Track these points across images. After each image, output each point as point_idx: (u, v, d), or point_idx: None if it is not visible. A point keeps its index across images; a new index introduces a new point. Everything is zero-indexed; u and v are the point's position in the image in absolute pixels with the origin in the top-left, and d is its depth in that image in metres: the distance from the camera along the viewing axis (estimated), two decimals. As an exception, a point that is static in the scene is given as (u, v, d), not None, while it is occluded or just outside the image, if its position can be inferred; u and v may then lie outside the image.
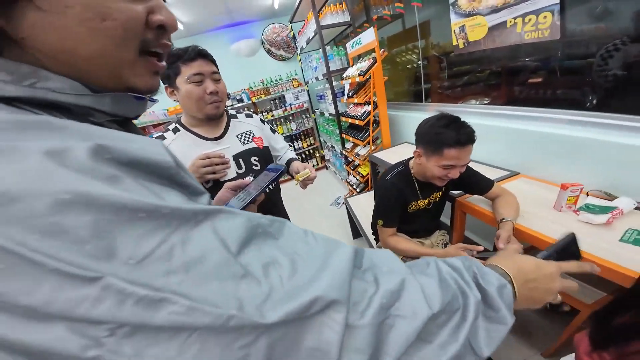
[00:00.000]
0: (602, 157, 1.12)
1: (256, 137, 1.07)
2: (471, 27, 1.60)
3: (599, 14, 1.20)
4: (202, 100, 0.89)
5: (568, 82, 1.40)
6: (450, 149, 0.95)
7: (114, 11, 0.26)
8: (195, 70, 0.86)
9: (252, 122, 1.11)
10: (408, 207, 1.20)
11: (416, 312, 0.27)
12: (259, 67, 4.21)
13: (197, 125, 0.96)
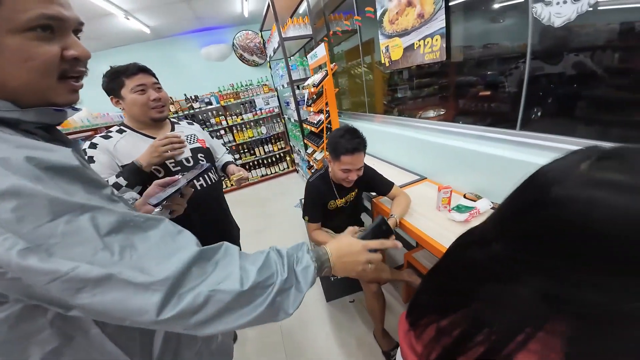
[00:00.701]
0: (479, 165, 1.36)
1: (200, 138, 1.24)
2: (392, 47, 1.85)
3: (473, 37, 1.49)
4: (146, 106, 1.03)
5: (457, 98, 1.70)
6: (345, 155, 1.16)
7: (34, 54, 0.36)
8: (137, 82, 1.00)
9: (194, 127, 1.29)
10: (328, 205, 1.41)
11: (231, 289, 0.41)
12: (229, 71, 4.31)
13: (144, 128, 1.09)
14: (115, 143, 1.02)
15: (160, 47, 3.98)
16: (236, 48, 4.32)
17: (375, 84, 2.49)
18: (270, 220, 3.19)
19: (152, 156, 0.97)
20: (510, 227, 0.39)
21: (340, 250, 0.57)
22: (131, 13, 2.95)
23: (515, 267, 0.37)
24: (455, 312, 0.45)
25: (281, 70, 3.34)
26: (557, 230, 0.32)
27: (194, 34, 4.11)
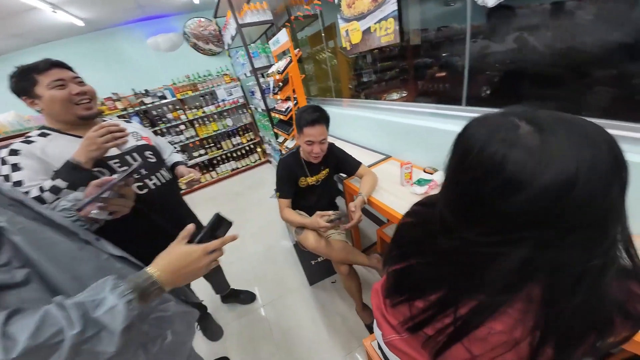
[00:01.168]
0: (434, 141, 1.48)
1: (143, 136, 1.15)
2: (352, 31, 1.89)
3: (425, 20, 1.59)
4: (69, 101, 0.90)
5: (414, 80, 1.82)
6: (307, 127, 1.28)
7: None
8: (54, 77, 0.88)
9: (133, 125, 1.17)
10: (299, 182, 1.47)
11: None
12: (183, 62, 4.04)
13: (72, 129, 0.95)
14: (42, 147, 0.89)
15: (99, 39, 3.58)
16: (188, 37, 4.03)
17: (340, 69, 2.52)
18: (245, 215, 3.14)
19: (90, 149, 0.85)
20: (466, 216, 0.41)
21: (172, 266, 0.56)
22: (59, 6, 2.61)
23: (486, 248, 0.39)
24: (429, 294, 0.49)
25: (242, 58, 3.21)
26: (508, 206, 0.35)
27: (138, 23, 3.75)
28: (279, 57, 2.70)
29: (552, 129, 0.34)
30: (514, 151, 0.34)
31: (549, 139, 0.34)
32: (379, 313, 0.73)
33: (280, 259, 2.31)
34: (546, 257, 0.36)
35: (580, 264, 0.35)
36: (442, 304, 0.47)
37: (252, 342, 1.65)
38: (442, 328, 0.46)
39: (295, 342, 1.60)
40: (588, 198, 0.32)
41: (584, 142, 0.33)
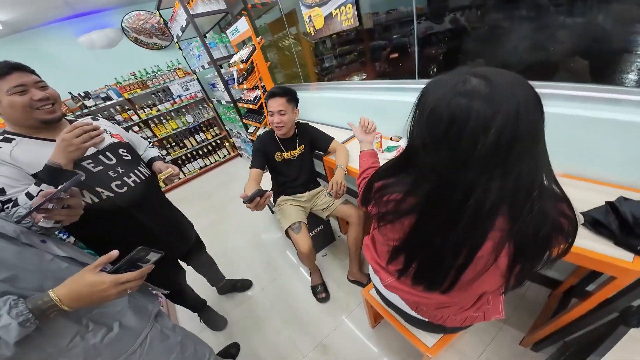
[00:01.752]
0: (395, 112, 1.69)
1: (114, 133, 1.12)
2: (314, 17, 1.97)
3: (376, 5, 1.75)
4: (29, 107, 0.87)
5: (372, 60, 2.00)
6: (268, 101, 1.51)
7: None
8: (15, 83, 0.84)
9: (101, 122, 1.12)
10: (275, 156, 1.63)
11: None
12: (126, 59, 3.68)
13: (37, 132, 0.92)
14: (9, 152, 0.85)
15: (21, 42, 3.11)
16: (128, 32, 3.69)
17: (304, 54, 2.57)
18: (222, 211, 3.11)
19: (69, 151, 0.84)
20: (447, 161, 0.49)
21: (75, 293, 0.60)
22: None
23: (467, 186, 0.48)
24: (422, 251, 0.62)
25: (197, 50, 3.08)
26: None
27: (66, 21, 3.31)
28: (239, 47, 2.66)
29: (495, 79, 0.44)
30: (473, 100, 0.43)
31: (496, 86, 0.43)
32: (374, 262, 0.87)
33: (269, 246, 2.39)
34: (508, 185, 0.46)
35: (529, 189, 0.47)
36: (443, 254, 0.57)
37: (257, 324, 1.74)
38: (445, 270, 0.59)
39: (298, 314, 1.73)
40: (531, 127, 0.43)
41: (517, 85, 0.44)
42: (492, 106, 0.42)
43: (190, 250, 1.47)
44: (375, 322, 1.48)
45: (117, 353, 0.74)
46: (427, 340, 0.96)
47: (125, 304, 0.80)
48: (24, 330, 0.56)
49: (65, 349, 0.66)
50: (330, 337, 1.54)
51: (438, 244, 0.57)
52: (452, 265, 0.57)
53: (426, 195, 0.55)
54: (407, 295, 0.79)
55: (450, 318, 0.79)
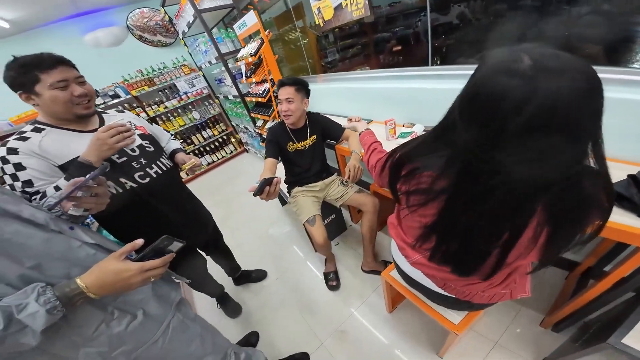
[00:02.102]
0: (408, 99, 1.70)
1: (138, 125, 1.15)
2: (324, 8, 1.97)
3: None
4: (70, 103, 0.90)
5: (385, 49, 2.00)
6: (278, 91, 1.53)
7: None
8: (58, 77, 0.87)
9: (126, 115, 1.17)
10: (287, 147, 1.65)
11: None
12: (132, 56, 3.72)
13: (67, 124, 0.96)
14: (38, 143, 0.88)
15: (28, 41, 3.14)
16: (132, 29, 3.71)
17: (311, 47, 2.57)
18: (232, 205, 3.15)
19: (102, 150, 0.88)
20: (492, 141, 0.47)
21: (101, 281, 0.61)
22: None
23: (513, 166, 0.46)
24: None
25: (203, 45, 3.09)
26: None
27: (71, 20, 3.33)
28: (246, 41, 2.67)
29: (546, 61, 0.42)
30: (514, 79, 0.43)
31: (542, 69, 0.42)
32: (400, 240, 0.89)
33: (281, 236, 2.41)
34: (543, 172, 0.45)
35: (569, 176, 0.46)
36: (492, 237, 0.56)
37: (273, 313, 1.77)
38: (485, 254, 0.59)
39: (314, 302, 1.76)
40: (572, 116, 0.41)
41: (571, 71, 0.41)
42: (531, 88, 0.41)
43: (209, 239, 1.50)
44: (393, 306, 1.50)
45: (140, 341, 0.74)
46: (452, 318, 0.97)
47: (149, 292, 0.81)
48: (51, 318, 0.56)
49: (90, 338, 0.66)
50: (347, 324, 1.57)
51: (475, 227, 0.56)
52: (491, 251, 0.57)
53: (458, 175, 0.54)
54: (434, 272, 0.80)
55: (478, 294, 0.81)
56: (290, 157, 1.70)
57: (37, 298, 0.55)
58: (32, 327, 0.54)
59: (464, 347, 1.29)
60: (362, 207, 1.68)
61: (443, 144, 0.60)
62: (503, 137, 0.45)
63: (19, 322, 0.53)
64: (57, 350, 0.63)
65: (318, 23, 2.06)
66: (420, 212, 0.68)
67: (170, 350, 0.80)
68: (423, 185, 0.63)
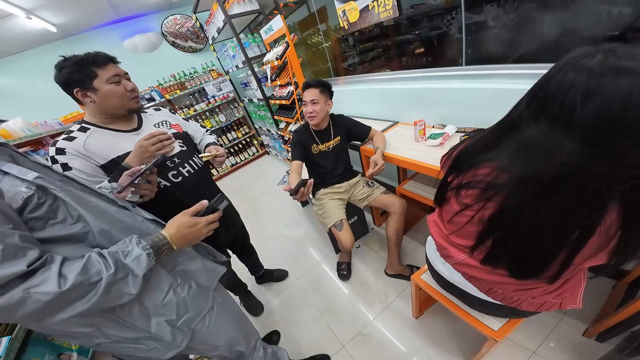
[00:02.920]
0: (438, 100, 1.64)
1: (173, 124, 1.20)
2: (349, 10, 1.97)
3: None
4: (125, 97, 0.97)
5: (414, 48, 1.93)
6: (303, 92, 1.56)
7: None
8: (113, 72, 0.94)
9: (163, 113, 1.23)
10: (312, 149, 1.67)
11: (47, 291, 0.49)
12: (166, 61, 3.94)
13: (110, 123, 1.01)
14: (83, 144, 0.94)
15: (72, 45, 3.42)
16: (166, 35, 3.94)
17: (334, 50, 2.59)
18: (256, 204, 3.21)
19: (143, 156, 0.94)
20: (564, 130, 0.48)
21: (180, 232, 0.70)
22: (32, 11, 2.50)
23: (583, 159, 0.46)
24: None
25: (232, 50, 3.20)
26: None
27: (112, 25, 3.61)
28: (272, 45, 2.74)
29: (619, 60, 0.43)
30: (580, 74, 0.45)
31: (611, 67, 0.43)
32: (442, 239, 0.85)
33: (302, 237, 2.42)
34: (614, 168, 0.45)
35: None
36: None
37: (294, 313, 1.77)
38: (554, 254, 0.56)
39: (335, 304, 1.74)
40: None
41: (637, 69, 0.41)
42: (596, 84, 0.42)
43: (236, 238, 1.53)
44: (420, 311, 1.45)
45: (198, 309, 0.80)
46: (491, 324, 0.92)
47: (200, 264, 0.86)
48: (149, 264, 0.62)
49: (161, 305, 0.71)
50: (369, 327, 1.53)
51: (541, 223, 0.54)
52: (558, 251, 0.55)
53: (525, 166, 0.54)
54: (483, 274, 0.75)
55: (527, 301, 0.75)
56: (314, 159, 1.71)
57: (138, 244, 0.63)
58: (135, 273, 0.60)
59: (498, 355, 1.21)
60: (389, 208, 1.65)
61: (508, 139, 0.60)
62: (572, 129, 0.46)
63: (125, 267, 0.59)
64: (133, 320, 0.67)
65: (343, 26, 2.07)
66: (476, 207, 0.65)
67: (214, 333, 0.85)
68: (480, 178, 0.63)
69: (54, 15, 2.77)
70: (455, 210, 0.72)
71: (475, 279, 0.81)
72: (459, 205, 0.71)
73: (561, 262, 0.56)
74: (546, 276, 0.60)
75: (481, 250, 0.69)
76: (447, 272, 0.92)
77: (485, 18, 1.44)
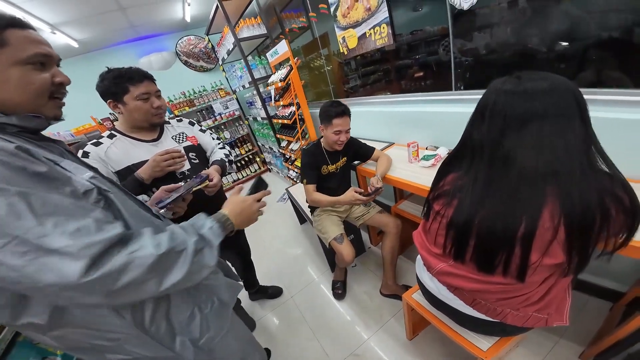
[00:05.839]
0: (432, 123, 1.72)
1: (189, 136, 1.28)
2: (348, 37, 2.11)
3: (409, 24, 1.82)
4: (149, 113, 1.07)
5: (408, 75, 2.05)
6: (336, 118, 1.46)
7: (34, 80, 0.52)
8: (143, 90, 1.04)
9: (182, 124, 1.32)
10: (322, 170, 1.65)
11: (148, 254, 0.49)
12: (177, 79, 4.14)
13: (135, 132, 1.11)
14: (105, 150, 1.04)
15: (91, 61, 3.64)
16: (179, 55, 4.17)
17: (335, 73, 2.73)
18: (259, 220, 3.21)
19: (154, 170, 1.03)
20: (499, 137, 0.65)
21: (235, 210, 0.73)
22: (57, 27, 2.70)
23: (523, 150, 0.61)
24: None
25: (239, 71, 3.37)
26: None
27: (129, 43, 3.85)
28: (277, 68, 2.89)
29: (527, 79, 0.62)
30: (500, 94, 0.64)
31: (523, 83, 0.61)
32: (424, 250, 0.89)
33: (300, 254, 2.41)
34: (543, 155, 0.59)
35: (567, 162, 0.57)
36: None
37: (287, 331, 1.73)
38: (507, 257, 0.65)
39: (329, 324, 1.70)
40: (549, 110, 0.58)
41: (545, 83, 0.59)
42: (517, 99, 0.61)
43: (239, 252, 1.55)
44: (414, 333, 1.42)
45: (218, 328, 0.75)
46: (481, 344, 0.91)
47: (223, 279, 0.83)
48: (222, 234, 0.64)
49: (186, 322, 0.67)
50: (362, 348, 1.50)
51: (493, 215, 0.64)
52: (513, 243, 0.62)
53: (475, 165, 0.68)
54: (463, 282, 0.78)
55: (511, 314, 0.76)
56: (322, 180, 1.68)
57: (207, 218, 0.65)
58: (211, 243, 0.60)
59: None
60: (384, 227, 1.66)
61: (463, 154, 0.73)
62: (506, 129, 0.62)
63: (203, 237, 0.60)
64: (160, 337, 0.63)
65: (342, 51, 2.20)
66: (442, 212, 0.76)
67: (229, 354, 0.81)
68: (446, 187, 0.75)
69: (77, 32, 2.97)
70: (432, 218, 0.80)
71: (459, 290, 0.83)
72: (432, 214, 0.79)
73: (518, 259, 0.63)
74: (512, 273, 0.66)
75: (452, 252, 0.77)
76: (435, 288, 0.93)
77: (475, 44, 1.53)
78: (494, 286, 0.72)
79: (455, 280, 0.80)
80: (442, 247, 0.79)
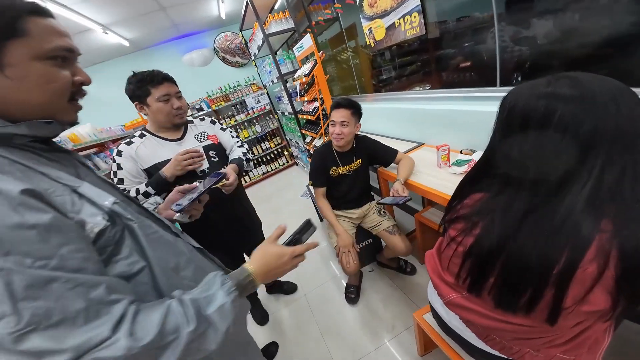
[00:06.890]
0: (469, 123, 1.51)
1: (210, 135, 1.31)
2: (375, 28, 1.96)
3: (448, 11, 1.61)
4: (170, 114, 1.13)
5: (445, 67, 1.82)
6: (332, 111, 1.48)
7: (55, 77, 0.44)
8: (163, 92, 1.09)
9: (204, 123, 1.36)
10: (330, 172, 1.57)
11: (112, 355, 0.36)
12: (215, 75, 4.35)
13: (162, 132, 1.19)
14: (136, 149, 1.12)
15: (141, 58, 3.99)
16: (217, 51, 4.35)
17: (362, 66, 2.60)
18: (282, 213, 3.30)
19: (176, 169, 1.09)
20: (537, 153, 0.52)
21: (266, 266, 0.58)
22: (109, 27, 2.97)
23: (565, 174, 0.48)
24: None
25: (268, 66, 3.41)
26: None
27: (173, 41, 4.13)
28: (303, 62, 2.84)
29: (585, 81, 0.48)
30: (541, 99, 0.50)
31: (561, 86, 0.49)
32: (435, 276, 0.79)
33: (316, 253, 2.40)
34: (613, 174, 0.45)
35: (625, 192, 0.45)
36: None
37: (297, 328, 1.75)
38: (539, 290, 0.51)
39: (338, 327, 1.67)
40: (612, 130, 0.45)
41: (603, 89, 0.46)
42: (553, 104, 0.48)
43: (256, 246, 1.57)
44: (426, 350, 1.33)
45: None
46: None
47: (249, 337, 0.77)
48: (234, 313, 0.49)
49: None
50: (370, 356, 1.44)
51: (523, 247, 0.51)
52: (545, 280, 0.49)
53: (511, 194, 0.55)
54: (476, 318, 0.68)
55: (529, 354, 0.65)
56: (331, 182, 1.62)
57: (222, 286, 0.50)
58: (216, 326, 0.47)
59: None
60: (393, 248, 1.56)
61: (488, 172, 0.63)
62: (567, 149, 0.48)
63: (206, 319, 0.46)
64: None
65: (369, 43, 2.07)
66: (459, 239, 0.65)
67: None
68: (466, 210, 0.64)
69: (126, 31, 3.26)
70: (445, 244, 0.70)
71: (471, 323, 0.73)
72: (447, 239, 0.69)
73: (550, 299, 0.50)
74: (538, 315, 0.53)
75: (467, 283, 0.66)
76: (446, 315, 0.84)
77: (526, 31, 1.29)
78: (513, 326, 0.61)
79: (468, 315, 0.70)
80: (455, 276, 0.69)
